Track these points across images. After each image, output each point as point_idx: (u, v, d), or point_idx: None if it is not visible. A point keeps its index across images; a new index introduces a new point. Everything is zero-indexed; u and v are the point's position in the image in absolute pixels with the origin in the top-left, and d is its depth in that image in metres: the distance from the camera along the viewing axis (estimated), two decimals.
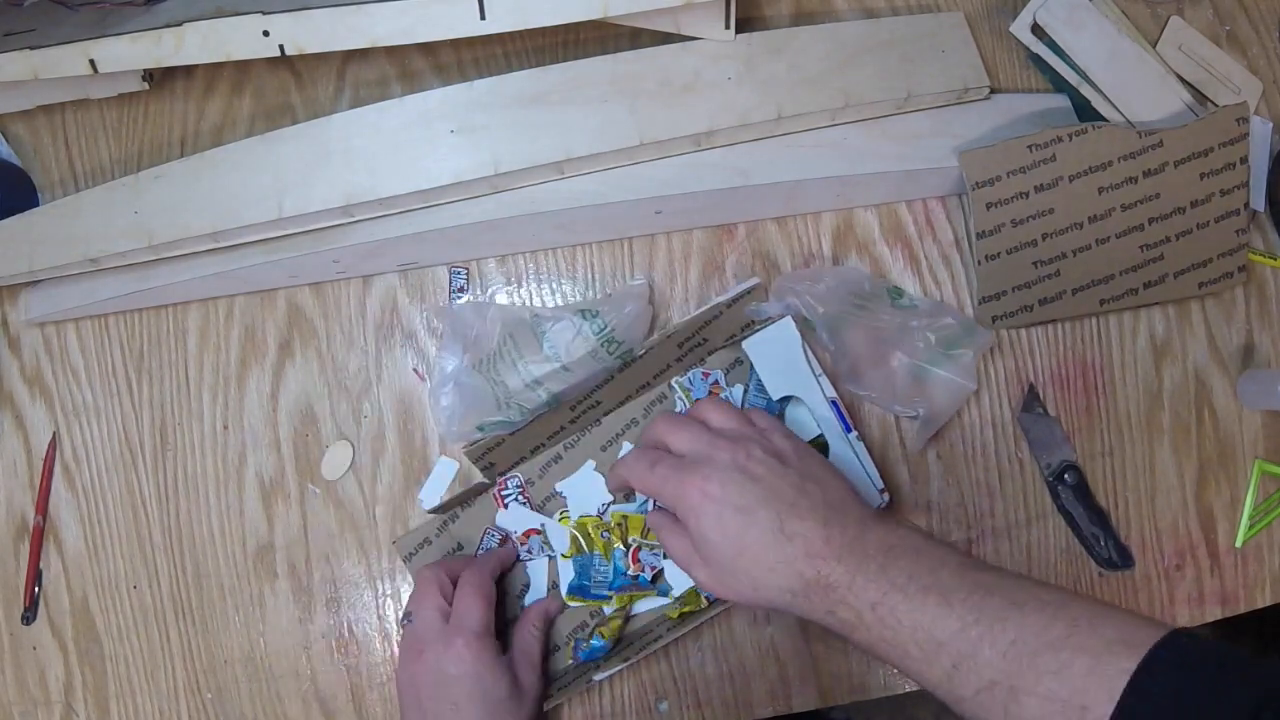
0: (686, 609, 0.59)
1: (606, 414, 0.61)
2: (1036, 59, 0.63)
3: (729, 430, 0.52)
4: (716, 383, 0.61)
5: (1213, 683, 0.37)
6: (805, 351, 0.59)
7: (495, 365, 0.60)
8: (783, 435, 0.52)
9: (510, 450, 0.59)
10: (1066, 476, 0.62)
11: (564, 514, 0.61)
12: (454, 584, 0.56)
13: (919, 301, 0.62)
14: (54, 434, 0.64)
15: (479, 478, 0.60)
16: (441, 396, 0.60)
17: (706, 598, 0.59)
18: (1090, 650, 0.39)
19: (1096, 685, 0.38)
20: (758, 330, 0.60)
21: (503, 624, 0.59)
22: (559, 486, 0.61)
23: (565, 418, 0.59)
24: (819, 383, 0.59)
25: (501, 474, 0.61)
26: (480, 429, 0.59)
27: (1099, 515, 0.62)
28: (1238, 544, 0.63)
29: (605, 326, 0.58)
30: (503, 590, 0.60)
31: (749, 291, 0.60)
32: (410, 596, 0.57)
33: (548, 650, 0.59)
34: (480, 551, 0.61)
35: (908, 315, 0.61)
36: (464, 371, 0.60)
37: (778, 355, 0.59)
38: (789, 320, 0.59)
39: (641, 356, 0.58)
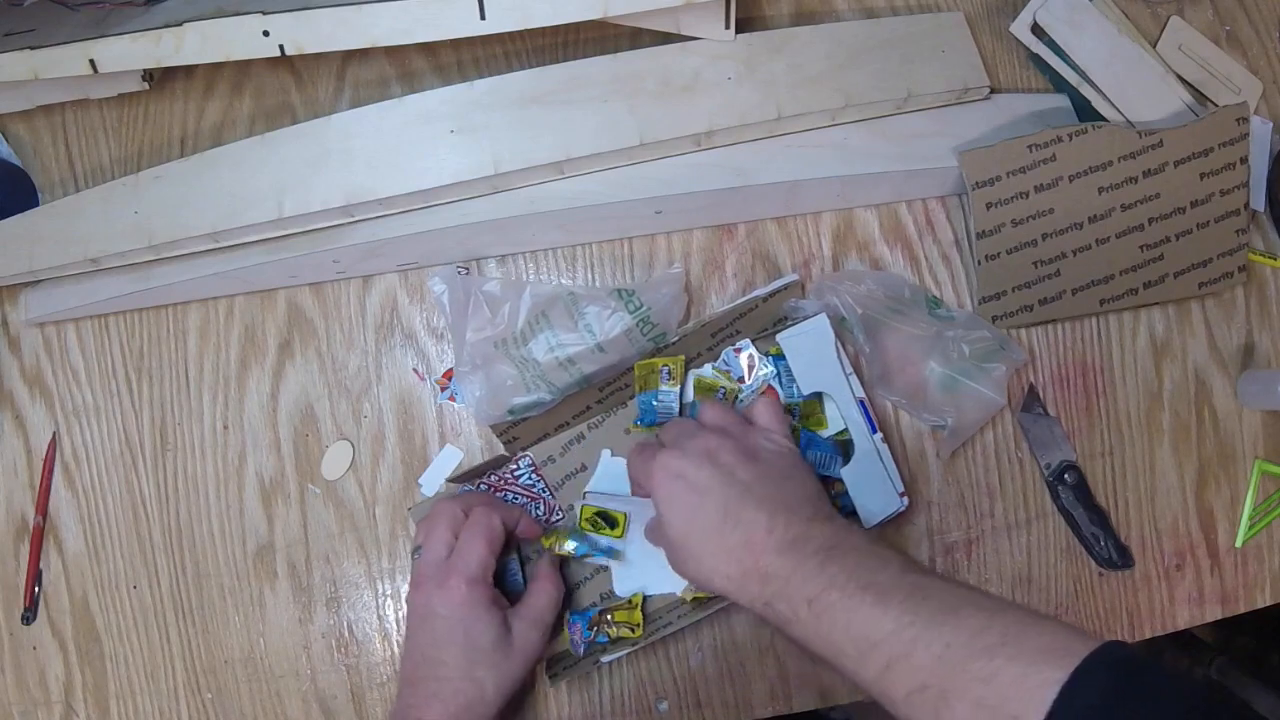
0: (701, 594, 0.59)
1: (633, 397, 0.61)
2: (1036, 59, 0.63)
3: (716, 426, 0.53)
4: (745, 352, 0.61)
5: (1141, 696, 0.38)
6: (838, 349, 0.59)
7: (525, 342, 0.59)
8: (768, 438, 0.53)
9: (535, 427, 0.59)
10: (1066, 476, 0.62)
11: (585, 502, 0.60)
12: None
13: (955, 313, 0.62)
14: (54, 434, 0.64)
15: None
16: (469, 383, 0.59)
17: None
18: (1021, 659, 0.39)
19: (1025, 695, 0.38)
20: (793, 324, 0.60)
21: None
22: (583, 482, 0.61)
23: (593, 398, 0.60)
24: (849, 381, 0.59)
25: (524, 448, 0.61)
26: (511, 412, 0.59)
27: (1099, 515, 0.62)
28: (1238, 544, 0.63)
29: (642, 306, 0.58)
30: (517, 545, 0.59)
31: (786, 287, 0.60)
32: (419, 528, 0.57)
33: (561, 614, 0.58)
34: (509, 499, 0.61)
35: (944, 325, 0.61)
36: (490, 354, 0.59)
37: (811, 350, 0.59)
38: (824, 317, 0.59)
39: (675, 343, 0.59)
